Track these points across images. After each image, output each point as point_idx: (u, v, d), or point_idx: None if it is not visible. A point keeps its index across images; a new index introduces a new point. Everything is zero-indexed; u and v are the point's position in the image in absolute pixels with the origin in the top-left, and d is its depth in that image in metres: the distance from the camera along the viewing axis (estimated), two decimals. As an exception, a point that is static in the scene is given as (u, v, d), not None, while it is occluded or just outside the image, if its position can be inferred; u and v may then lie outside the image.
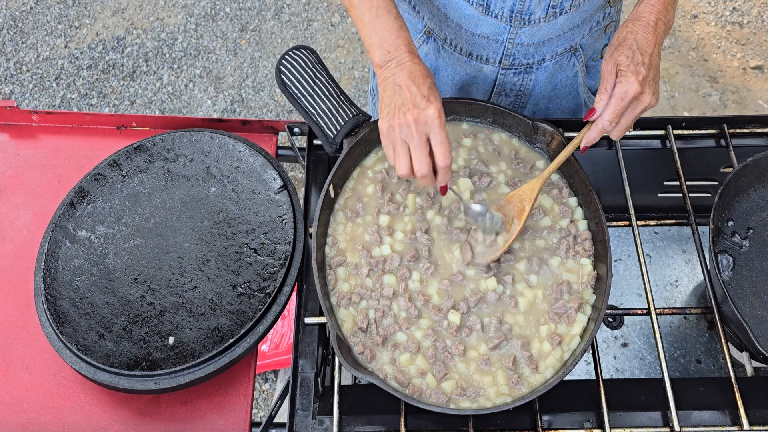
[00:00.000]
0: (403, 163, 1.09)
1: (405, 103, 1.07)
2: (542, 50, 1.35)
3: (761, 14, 3.49)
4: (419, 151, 1.07)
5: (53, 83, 3.35)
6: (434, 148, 1.07)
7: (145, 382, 1.15)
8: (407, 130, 1.06)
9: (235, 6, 3.61)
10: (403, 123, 1.06)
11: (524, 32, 1.30)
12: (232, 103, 3.28)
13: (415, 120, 1.05)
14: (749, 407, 1.16)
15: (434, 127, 1.05)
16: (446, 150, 1.06)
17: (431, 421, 1.17)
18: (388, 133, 1.09)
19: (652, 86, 1.09)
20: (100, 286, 1.24)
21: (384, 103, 1.10)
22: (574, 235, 1.24)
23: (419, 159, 1.07)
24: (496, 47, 1.34)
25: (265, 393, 2.53)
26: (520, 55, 1.35)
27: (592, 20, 1.35)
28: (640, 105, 1.10)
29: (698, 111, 3.18)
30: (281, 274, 1.23)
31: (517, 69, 1.39)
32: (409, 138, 1.07)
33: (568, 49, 1.37)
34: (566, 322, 1.17)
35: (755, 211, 1.34)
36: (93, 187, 1.34)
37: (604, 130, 1.13)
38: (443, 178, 1.11)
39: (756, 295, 1.26)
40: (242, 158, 1.37)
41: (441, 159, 1.07)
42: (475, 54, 1.37)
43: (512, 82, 1.42)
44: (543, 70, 1.40)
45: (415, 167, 1.08)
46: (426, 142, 1.07)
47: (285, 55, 1.32)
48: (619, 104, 1.09)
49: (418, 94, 1.06)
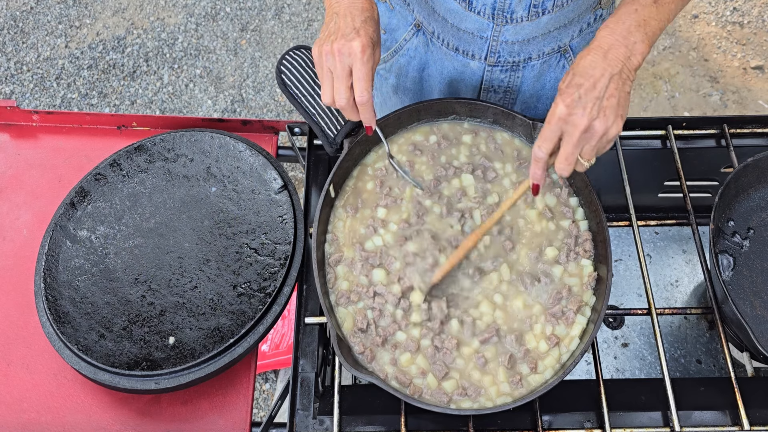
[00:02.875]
0: (325, 92, 1.11)
1: (336, 31, 1.08)
2: (528, 49, 1.35)
3: (762, 14, 3.48)
4: (340, 82, 1.08)
5: (54, 83, 3.35)
6: (353, 83, 1.08)
7: (146, 382, 1.15)
8: (331, 59, 1.07)
9: (235, 6, 3.61)
10: (329, 51, 1.07)
11: (508, 30, 1.30)
12: (233, 103, 3.28)
13: (339, 50, 1.06)
14: (749, 407, 1.16)
15: (356, 60, 1.06)
16: (363, 86, 1.07)
17: (431, 421, 1.17)
18: (317, 59, 1.11)
19: (590, 110, 0.98)
20: (100, 285, 1.24)
21: (322, 30, 1.12)
22: (575, 235, 1.24)
23: (338, 90, 1.09)
24: (481, 44, 1.34)
25: (266, 393, 2.53)
26: (505, 53, 1.35)
27: (581, 21, 1.34)
28: (574, 130, 0.99)
29: (699, 111, 3.18)
30: (281, 274, 1.23)
31: (503, 66, 1.38)
32: (332, 67, 1.08)
33: (555, 49, 1.36)
34: (564, 323, 1.16)
35: (756, 211, 1.34)
36: (93, 187, 1.34)
37: (538, 158, 1.05)
38: (363, 116, 1.12)
39: (756, 295, 1.25)
40: (243, 158, 1.37)
41: (357, 94, 1.08)
42: (462, 49, 1.37)
43: (499, 79, 1.41)
44: (530, 68, 1.39)
45: (335, 97, 1.10)
46: (348, 74, 1.08)
47: (285, 55, 1.32)
48: (546, 128, 1.02)
49: (350, 26, 1.07)
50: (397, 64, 1.51)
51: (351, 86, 1.09)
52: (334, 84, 1.09)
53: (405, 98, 1.59)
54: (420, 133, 1.36)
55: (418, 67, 1.48)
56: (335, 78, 1.09)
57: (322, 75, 1.11)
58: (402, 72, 1.52)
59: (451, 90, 1.48)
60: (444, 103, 1.35)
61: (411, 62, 1.48)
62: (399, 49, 1.47)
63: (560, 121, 1.00)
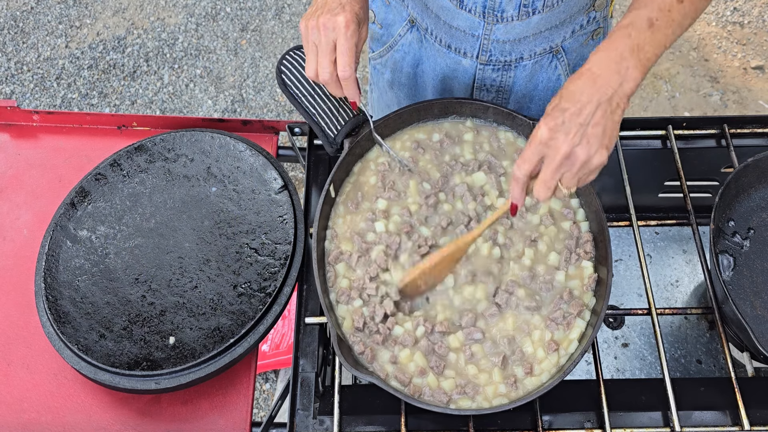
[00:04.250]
0: (309, 66, 1.12)
1: (323, 6, 1.09)
2: (519, 48, 1.34)
3: (762, 14, 3.48)
4: (323, 56, 1.09)
5: (54, 83, 3.36)
6: (337, 57, 1.09)
7: (146, 382, 1.15)
8: (316, 34, 1.09)
9: (235, 6, 3.61)
10: (314, 26, 1.08)
11: (498, 29, 1.30)
12: (233, 103, 3.28)
13: (324, 24, 1.07)
14: (750, 407, 1.16)
15: (340, 35, 1.07)
16: (346, 61, 1.08)
17: (431, 421, 1.17)
18: (303, 33, 1.12)
19: (573, 136, 0.95)
20: (100, 285, 1.24)
21: (310, 5, 1.13)
22: (577, 236, 1.24)
23: (322, 64, 1.10)
24: (473, 42, 1.34)
25: (266, 393, 2.53)
26: (496, 52, 1.35)
27: (573, 23, 1.33)
28: (555, 154, 0.96)
29: (699, 111, 3.18)
30: (282, 274, 1.23)
31: (495, 65, 1.38)
32: (317, 41, 1.09)
33: (547, 50, 1.36)
34: (564, 328, 1.16)
35: (756, 211, 1.34)
36: (94, 187, 1.34)
37: (517, 178, 1.01)
38: (347, 91, 1.13)
39: (757, 296, 1.25)
40: (243, 158, 1.37)
41: (339, 68, 1.09)
42: (454, 46, 1.37)
43: (491, 77, 1.41)
44: (522, 68, 1.39)
45: (318, 71, 1.11)
46: (333, 48, 1.09)
47: (286, 55, 1.32)
48: (527, 149, 0.99)
49: (337, 1, 1.09)
50: (392, 59, 1.52)
51: (335, 61, 1.10)
52: (318, 58, 1.10)
53: (400, 93, 1.59)
54: (423, 132, 1.36)
55: (412, 62, 1.48)
56: (319, 52, 1.10)
57: (308, 49, 1.12)
58: (397, 67, 1.52)
59: (444, 87, 1.48)
60: (444, 103, 1.35)
61: (405, 58, 1.49)
62: (394, 44, 1.48)
63: (541, 144, 0.97)
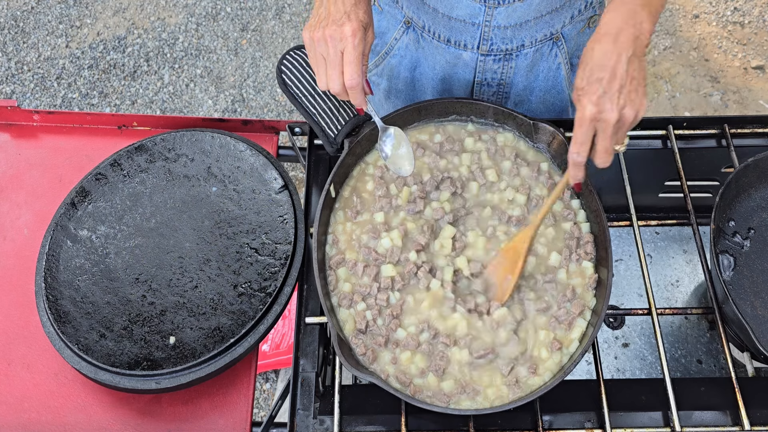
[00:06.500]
0: (320, 78, 1.13)
1: (327, 17, 1.09)
2: (520, 34, 1.34)
3: (762, 14, 3.48)
4: (332, 68, 1.10)
5: (54, 83, 3.36)
6: (344, 67, 1.09)
7: (146, 382, 1.15)
8: (324, 46, 1.09)
9: (236, 6, 3.61)
10: (320, 38, 1.09)
11: (500, 13, 1.30)
12: (233, 102, 3.28)
13: (330, 36, 1.08)
14: (750, 407, 1.16)
15: (347, 45, 1.07)
16: (352, 70, 1.08)
17: (432, 421, 1.17)
18: (309, 46, 1.12)
19: (617, 101, 0.99)
20: (101, 285, 1.24)
21: (312, 14, 1.13)
22: (577, 237, 1.24)
23: (331, 76, 1.10)
24: (473, 31, 1.34)
25: (266, 393, 2.53)
26: (497, 39, 1.35)
27: (572, 7, 1.33)
28: (607, 126, 1.00)
29: (699, 111, 3.18)
30: (282, 274, 1.23)
31: (496, 55, 1.38)
32: (325, 53, 1.10)
33: (548, 36, 1.36)
34: (566, 327, 1.16)
35: (756, 211, 1.34)
36: (94, 187, 1.34)
37: (576, 162, 1.06)
38: (354, 99, 1.13)
39: (757, 296, 1.25)
40: (243, 158, 1.37)
41: (347, 78, 1.09)
42: (453, 40, 1.37)
43: (492, 69, 1.41)
44: (523, 57, 1.39)
45: (329, 84, 1.11)
46: (341, 60, 1.09)
47: (286, 55, 1.32)
48: (579, 131, 1.02)
49: (341, 11, 1.09)
50: (388, 66, 1.51)
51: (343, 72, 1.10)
52: (327, 71, 1.11)
53: (398, 102, 1.58)
54: (425, 133, 1.36)
55: (410, 66, 1.48)
56: (328, 65, 1.10)
57: (315, 61, 1.12)
58: (393, 74, 1.51)
59: (443, 87, 1.47)
60: (444, 103, 1.34)
61: (402, 62, 1.48)
62: (389, 51, 1.47)
63: (592, 121, 1.00)
